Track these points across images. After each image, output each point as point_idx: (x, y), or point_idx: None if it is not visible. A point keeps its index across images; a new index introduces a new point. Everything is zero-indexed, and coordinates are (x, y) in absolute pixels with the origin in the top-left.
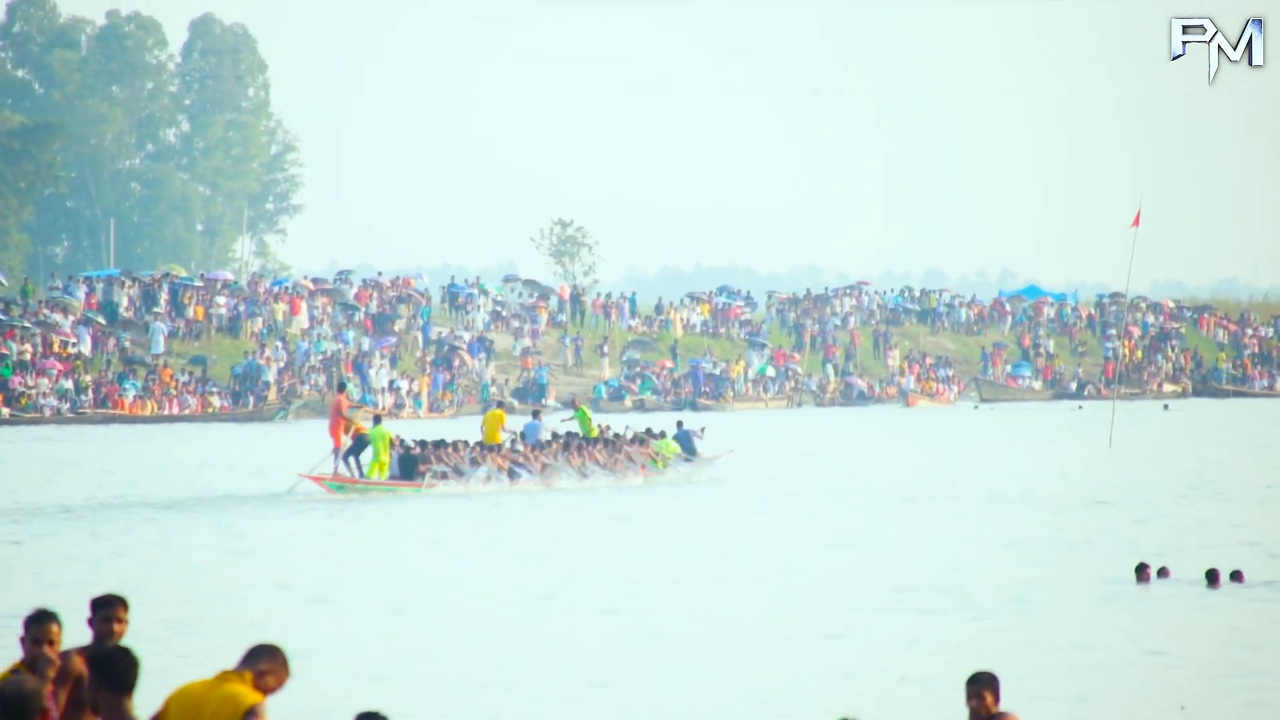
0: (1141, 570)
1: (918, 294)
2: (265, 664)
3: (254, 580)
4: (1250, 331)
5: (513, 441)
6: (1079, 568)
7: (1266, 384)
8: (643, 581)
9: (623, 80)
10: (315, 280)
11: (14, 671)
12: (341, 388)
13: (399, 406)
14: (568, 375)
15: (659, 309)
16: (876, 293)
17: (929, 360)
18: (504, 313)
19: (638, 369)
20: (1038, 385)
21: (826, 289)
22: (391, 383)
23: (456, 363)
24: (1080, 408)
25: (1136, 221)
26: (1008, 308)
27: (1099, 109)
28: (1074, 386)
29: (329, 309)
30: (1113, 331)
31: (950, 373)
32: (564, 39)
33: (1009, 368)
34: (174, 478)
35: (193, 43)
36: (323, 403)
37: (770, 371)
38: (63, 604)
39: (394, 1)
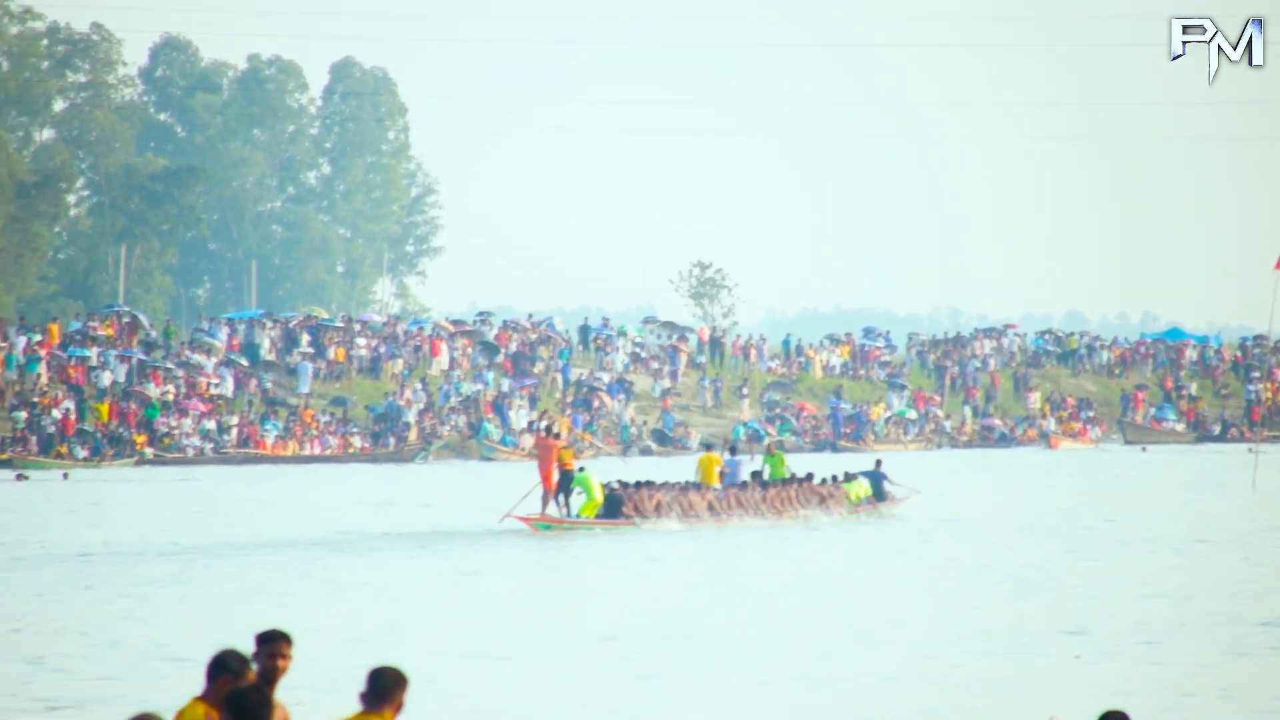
0: None
1: (1058, 336)
2: (401, 695)
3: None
4: None
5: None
6: (1244, 612)
7: None
8: (828, 621)
9: (762, 123)
10: (455, 322)
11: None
12: (548, 430)
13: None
14: (706, 416)
15: (798, 350)
16: (1017, 335)
17: (1071, 402)
18: (643, 354)
19: (777, 410)
20: (1180, 427)
21: (974, 330)
22: (531, 424)
23: (596, 404)
24: (1251, 450)
25: (1279, 264)
26: (1149, 350)
27: (1242, 152)
28: (1217, 429)
29: (469, 350)
30: (1256, 374)
31: (1091, 414)
32: (702, 79)
33: (1151, 410)
34: (347, 515)
35: (333, 86)
36: (463, 444)
37: (911, 414)
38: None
39: (534, 45)
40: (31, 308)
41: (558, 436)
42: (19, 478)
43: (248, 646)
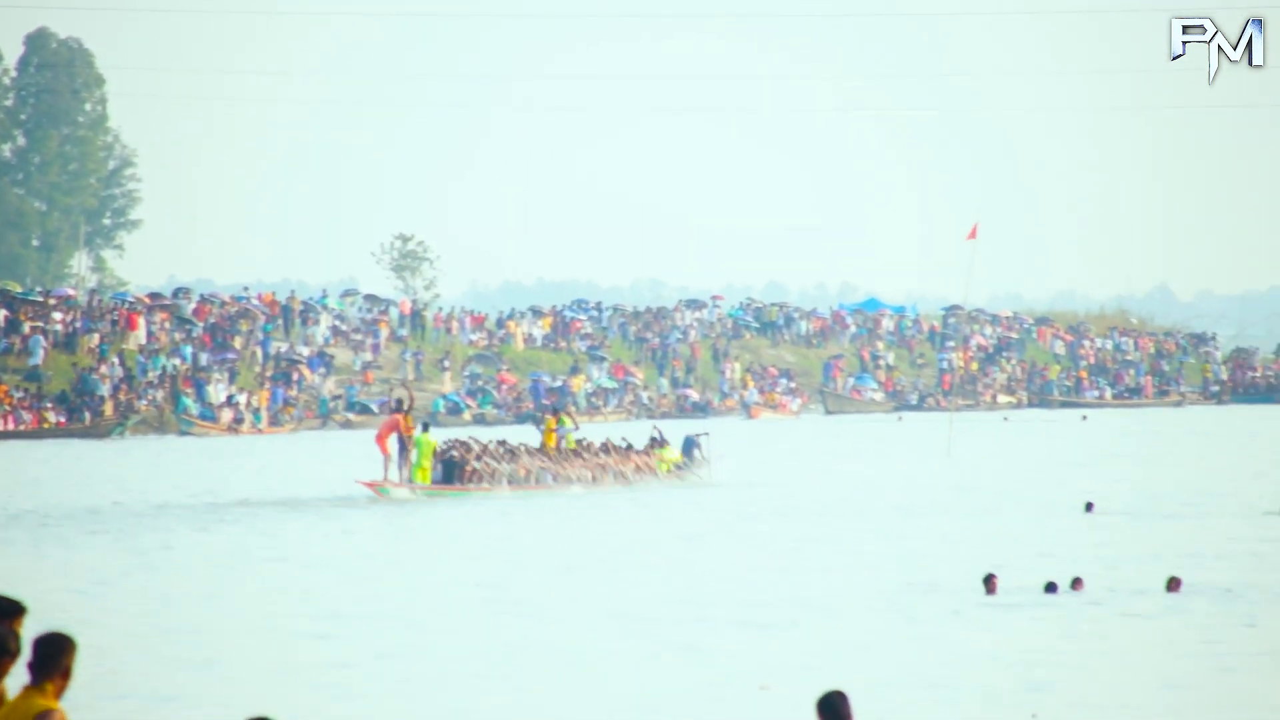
0: (989, 580)
1: (758, 308)
2: (68, 662)
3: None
4: (1087, 343)
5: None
6: (930, 577)
7: (1097, 394)
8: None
9: (461, 94)
10: (153, 296)
11: None
12: (398, 407)
13: (238, 421)
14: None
15: (500, 323)
16: (717, 306)
17: (773, 372)
18: (344, 328)
19: (479, 383)
20: (880, 397)
21: (677, 302)
22: (230, 398)
23: (296, 377)
24: (1084, 417)
25: (973, 234)
26: (848, 321)
27: (939, 122)
28: (914, 398)
29: (167, 325)
30: (951, 343)
31: (792, 385)
32: (402, 52)
33: (852, 380)
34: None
35: (28, 57)
36: (160, 419)
37: (610, 385)
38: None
39: (233, 18)
40: None
41: (405, 412)
42: None
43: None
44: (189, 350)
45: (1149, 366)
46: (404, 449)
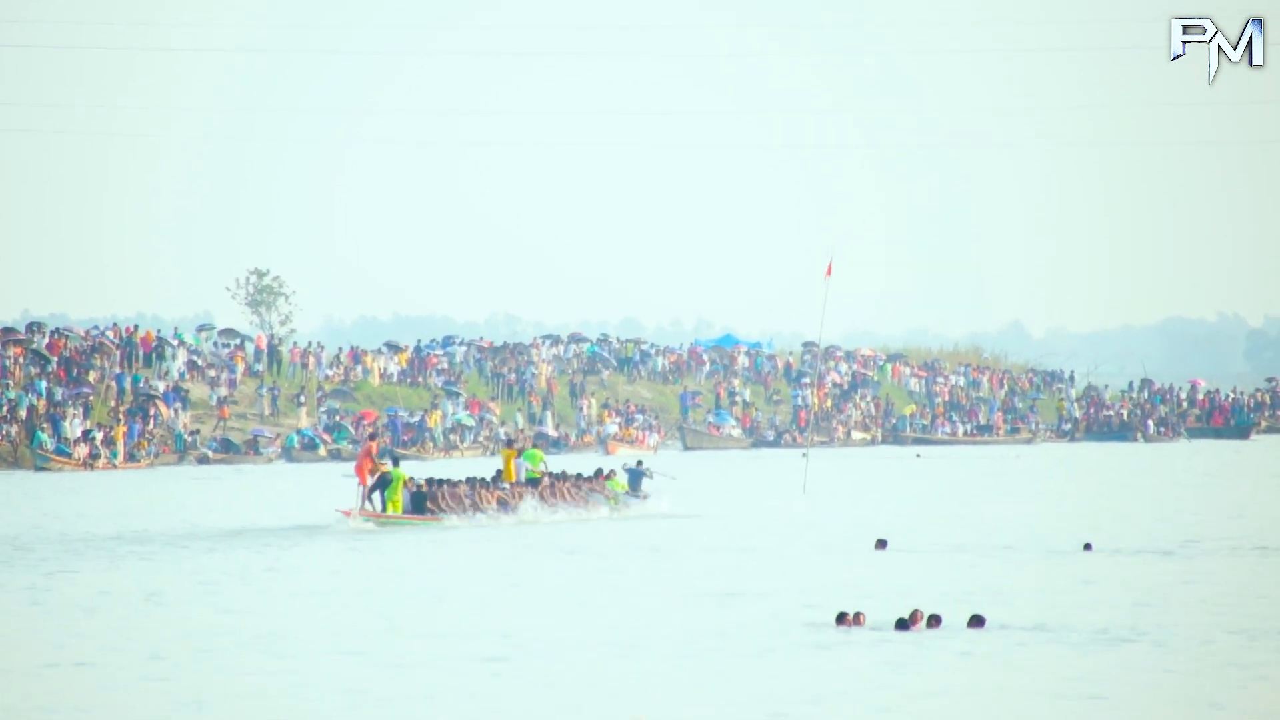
0: (842, 618)
1: (613, 343)
2: None
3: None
4: (941, 380)
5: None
6: (782, 614)
7: (949, 431)
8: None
9: (324, 128)
10: (5, 330)
11: None
12: (372, 437)
13: (94, 456)
14: (265, 424)
15: (356, 358)
16: (575, 342)
17: (632, 408)
18: (200, 362)
19: (335, 418)
20: (737, 433)
21: (533, 337)
22: (86, 433)
23: (152, 412)
24: (919, 455)
25: (829, 271)
26: (704, 357)
27: (784, 157)
28: (771, 435)
29: (20, 359)
30: (806, 380)
31: (652, 420)
32: (256, 85)
33: (710, 416)
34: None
35: None
36: (14, 454)
37: (468, 420)
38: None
39: (84, 53)
40: None
41: (376, 441)
42: None
43: None
44: (43, 385)
45: (1002, 403)
46: (380, 482)
